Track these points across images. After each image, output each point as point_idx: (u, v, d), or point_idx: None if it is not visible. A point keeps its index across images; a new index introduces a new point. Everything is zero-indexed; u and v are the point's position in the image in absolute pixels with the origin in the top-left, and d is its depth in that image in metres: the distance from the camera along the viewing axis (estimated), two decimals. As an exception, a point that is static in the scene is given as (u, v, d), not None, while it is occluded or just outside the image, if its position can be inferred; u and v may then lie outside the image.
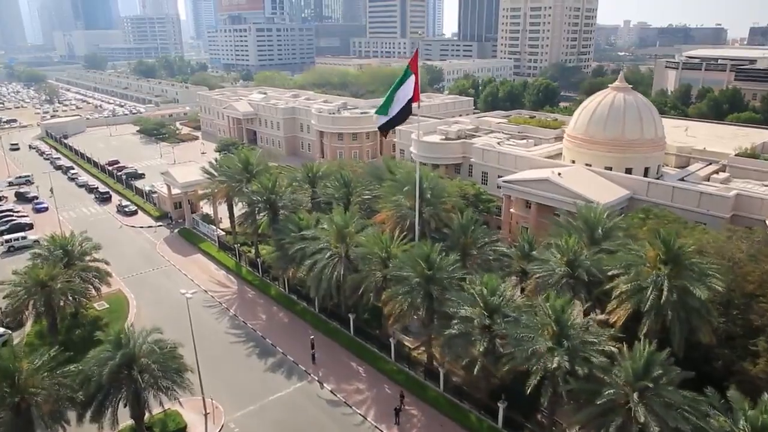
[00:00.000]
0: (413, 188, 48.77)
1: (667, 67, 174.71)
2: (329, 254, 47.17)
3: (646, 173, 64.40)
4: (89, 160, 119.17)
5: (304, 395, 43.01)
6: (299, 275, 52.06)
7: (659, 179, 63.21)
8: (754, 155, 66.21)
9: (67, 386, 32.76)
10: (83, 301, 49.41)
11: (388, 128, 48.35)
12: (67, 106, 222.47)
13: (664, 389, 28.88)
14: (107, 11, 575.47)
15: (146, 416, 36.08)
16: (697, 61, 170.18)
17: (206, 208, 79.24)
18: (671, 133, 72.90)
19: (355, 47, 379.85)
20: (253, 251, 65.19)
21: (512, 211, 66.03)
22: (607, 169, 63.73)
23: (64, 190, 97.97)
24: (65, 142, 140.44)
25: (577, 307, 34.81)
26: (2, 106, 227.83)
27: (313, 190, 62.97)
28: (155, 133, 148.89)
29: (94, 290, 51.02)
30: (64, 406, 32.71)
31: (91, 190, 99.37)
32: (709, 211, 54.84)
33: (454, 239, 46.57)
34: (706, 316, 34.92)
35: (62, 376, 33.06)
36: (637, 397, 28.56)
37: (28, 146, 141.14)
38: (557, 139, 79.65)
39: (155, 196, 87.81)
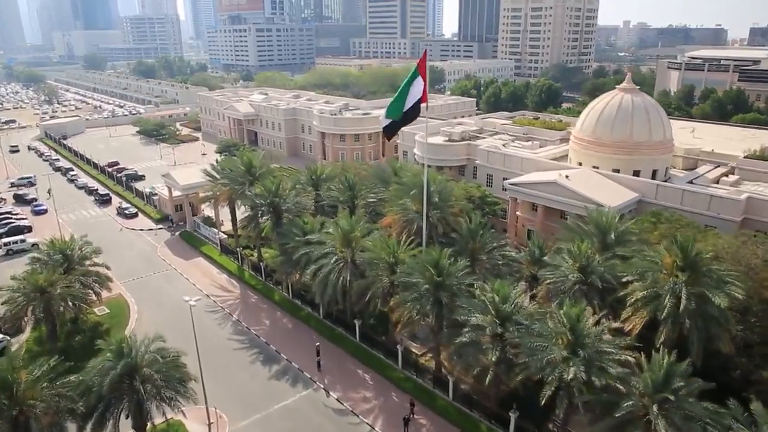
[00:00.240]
0: (420, 192, 47.82)
1: (669, 67, 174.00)
2: (335, 259, 46.19)
3: (654, 176, 63.51)
4: (89, 161, 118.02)
5: (309, 404, 42.03)
6: (303, 280, 51.23)
7: (667, 182, 62.37)
8: (763, 157, 65.16)
9: (67, 397, 31.69)
10: (83, 306, 48.30)
11: (393, 131, 47.26)
12: (66, 106, 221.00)
13: (684, 401, 27.98)
14: (106, 11, 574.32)
15: (148, 427, 35.09)
16: (699, 61, 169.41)
17: (208, 210, 78.31)
18: (678, 134, 72.01)
19: (355, 47, 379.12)
20: (255, 255, 64.27)
21: (518, 214, 65.15)
22: (614, 171, 62.85)
23: (63, 191, 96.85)
24: (64, 143, 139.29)
25: (590, 314, 33.92)
26: (1, 106, 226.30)
27: (316, 193, 61.82)
28: (155, 134, 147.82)
29: (94, 295, 49.98)
30: (64, 418, 31.67)
31: (90, 192, 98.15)
32: (719, 214, 53.90)
33: (462, 244, 45.70)
34: (724, 324, 33.99)
35: (62, 386, 31.96)
36: (656, 409, 27.66)
37: (27, 147, 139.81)
38: (562, 140, 78.85)
39: (156, 198, 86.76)
